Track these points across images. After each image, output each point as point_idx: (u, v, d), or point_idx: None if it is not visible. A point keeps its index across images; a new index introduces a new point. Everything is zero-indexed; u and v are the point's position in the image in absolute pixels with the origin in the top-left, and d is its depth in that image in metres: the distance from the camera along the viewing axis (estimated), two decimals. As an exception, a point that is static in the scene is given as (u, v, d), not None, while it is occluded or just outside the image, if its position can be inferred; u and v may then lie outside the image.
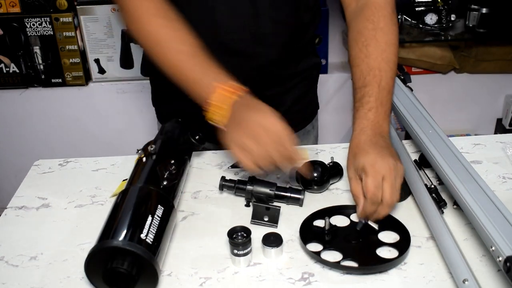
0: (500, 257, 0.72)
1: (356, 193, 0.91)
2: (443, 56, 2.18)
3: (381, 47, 1.02)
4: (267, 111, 0.90)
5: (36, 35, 2.04)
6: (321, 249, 0.87)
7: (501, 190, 1.00)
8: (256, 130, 0.87)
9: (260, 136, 0.87)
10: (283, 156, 0.88)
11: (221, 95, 0.92)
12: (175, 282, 0.83)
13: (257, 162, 0.87)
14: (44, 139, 2.23)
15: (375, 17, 1.04)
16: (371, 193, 0.87)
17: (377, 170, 0.87)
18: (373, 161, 0.88)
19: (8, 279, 0.85)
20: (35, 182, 1.10)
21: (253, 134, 0.87)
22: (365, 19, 1.05)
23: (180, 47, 0.97)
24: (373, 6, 1.05)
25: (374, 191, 0.87)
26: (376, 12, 1.04)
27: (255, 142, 0.87)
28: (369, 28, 1.03)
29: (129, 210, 0.84)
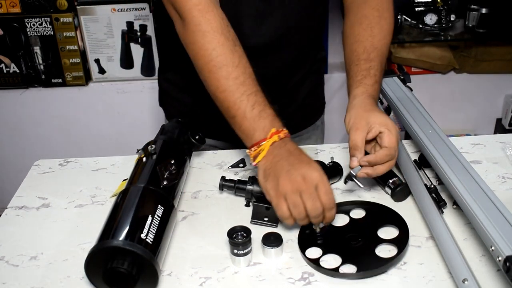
0: (500, 257, 0.72)
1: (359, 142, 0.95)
2: (443, 56, 2.18)
3: (384, 33, 1.08)
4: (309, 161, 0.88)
5: (37, 35, 2.04)
6: (320, 254, 0.87)
7: (501, 190, 1.00)
8: (300, 183, 0.85)
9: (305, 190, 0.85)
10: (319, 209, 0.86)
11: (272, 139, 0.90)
12: (175, 282, 0.83)
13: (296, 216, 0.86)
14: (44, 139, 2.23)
15: (381, 7, 1.09)
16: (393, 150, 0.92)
17: (395, 130, 0.93)
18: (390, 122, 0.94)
19: (9, 279, 0.85)
20: (35, 182, 1.10)
21: (298, 187, 0.85)
22: (370, 7, 1.09)
23: (242, 77, 0.93)
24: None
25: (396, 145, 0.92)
26: (380, 4, 1.09)
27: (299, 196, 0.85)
28: (374, 15, 1.08)
29: (129, 210, 0.84)
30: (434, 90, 2.26)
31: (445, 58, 2.18)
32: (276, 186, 0.86)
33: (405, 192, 0.99)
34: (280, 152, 0.88)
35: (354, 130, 0.96)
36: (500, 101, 2.32)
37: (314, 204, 0.84)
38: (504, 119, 2.32)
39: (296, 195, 0.84)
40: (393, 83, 1.20)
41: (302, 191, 0.84)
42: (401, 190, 0.98)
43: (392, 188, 0.99)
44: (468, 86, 2.27)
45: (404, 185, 0.98)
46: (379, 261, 0.84)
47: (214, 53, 0.93)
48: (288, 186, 0.85)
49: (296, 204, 0.85)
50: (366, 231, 0.90)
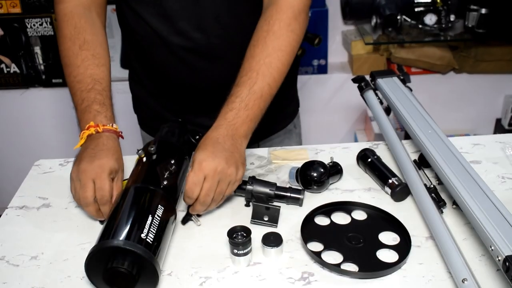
0: (499, 257, 0.72)
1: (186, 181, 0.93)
2: (443, 56, 2.18)
3: (267, 51, 0.99)
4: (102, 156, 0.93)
5: (37, 36, 2.04)
6: (322, 249, 0.87)
7: (500, 190, 1.00)
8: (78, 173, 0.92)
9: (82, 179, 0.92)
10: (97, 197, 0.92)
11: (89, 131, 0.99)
12: (175, 282, 0.84)
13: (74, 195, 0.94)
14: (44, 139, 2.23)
15: (272, 19, 1.01)
16: (187, 188, 0.90)
17: (201, 168, 0.90)
18: (202, 159, 0.90)
19: (9, 278, 0.85)
20: (35, 182, 1.10)
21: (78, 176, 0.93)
22: (264, 19, 1.03)
23: (78, 77, 1.04)
24: (274, 8, 1.02)
25: (190, 186, 0.90)
26: (274, 14, 1.01)
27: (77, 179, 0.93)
28: (263, 30, 1.01)
29: (129, 210, 0.84)
30: (434, 90, 2.26)
31: (445, 58, 2.18)
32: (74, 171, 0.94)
33: (404, 192, 0.99)
34: (90, 144, 0.96)
35: None
36: (500, 101, 2.32)
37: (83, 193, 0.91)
38: (503, 119, 2.32)
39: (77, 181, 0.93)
40: (393, 83, 1.20)
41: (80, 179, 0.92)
42: (401, 190, 0.98)
43: (392, 188, 0.99)
44: (468, 86, 2.27)
45: (404, 185, 0.98)
46: (381, 265, 0.84)
47: (62, 54, 1.08)
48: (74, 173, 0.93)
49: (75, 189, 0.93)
50: (368, 233, 0.91)
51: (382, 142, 1.16)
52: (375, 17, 2.08)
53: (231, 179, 0.92)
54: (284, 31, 1.00)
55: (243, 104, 0.96)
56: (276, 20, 1.01)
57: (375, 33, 2.11)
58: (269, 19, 1.01)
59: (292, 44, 1.02)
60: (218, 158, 0.90)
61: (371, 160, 1.06)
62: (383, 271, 0.82)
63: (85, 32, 1.07)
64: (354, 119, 2.32)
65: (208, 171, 0.89)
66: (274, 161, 1.12)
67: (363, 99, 1.23)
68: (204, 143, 0.94)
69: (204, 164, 0.90)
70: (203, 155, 0.91)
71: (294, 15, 1.02)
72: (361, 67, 2.19)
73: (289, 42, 1.01)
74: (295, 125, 1.35)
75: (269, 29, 1.00)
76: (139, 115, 1.36)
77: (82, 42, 1.06)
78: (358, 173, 1.08)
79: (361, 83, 1.23)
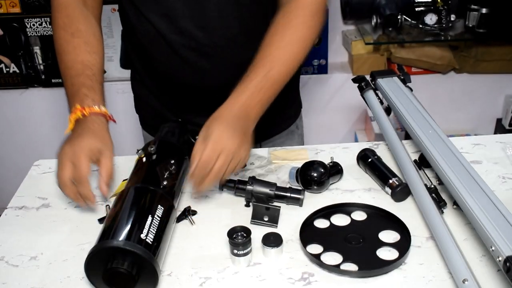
0: (500, 257, 0.72)
1: (195, 153, 0.92)
2: (443, 56, 2.18)
3: (284, 41, 1.02)
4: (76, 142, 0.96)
5: (36, 35, 2.04)
6: (321, 250, 0.87)
7: (501, 190, 1.00)
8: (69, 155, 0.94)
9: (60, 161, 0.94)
10: None
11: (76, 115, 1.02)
12: (175, 282, 0.83)
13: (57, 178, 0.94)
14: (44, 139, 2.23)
15: (291, 15, 1.03)
16: (203, 160, 0.89)
17: (219, 142, 0.90)
18: (221, 133, 0.91)
19: (8, 279, 0.85)
20: (35, 182, 1.10)
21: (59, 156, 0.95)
22: (282, 14, 1.05)
23: (69, 63, 1.06)
24: (294, 4, 1.04)
25: (206, 159, 0.89)
26: (294, 10, 1.04)
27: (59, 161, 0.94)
28: (281, 23, 1.03)
29: (129, 210, 0.84)
30: (434, 90, 2.26)
31: (445, 58, 2.18)
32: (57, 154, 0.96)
33: (405, 192, 0.99)
34: (77, 128, 0.99)
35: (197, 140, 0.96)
36: (500, 101, 2.32)
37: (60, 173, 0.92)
38: (504, 119, 2.32)
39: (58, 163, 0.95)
40: (393, 83, 1.19)
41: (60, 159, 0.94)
42: (401, 190, 0.98)
43: (392, 188, 0.99)
44: (468, 86, 2.27)
45: (404, 185, 0.98)
46: (381, 262, 0.84)
47: (56, 43, 1.09)
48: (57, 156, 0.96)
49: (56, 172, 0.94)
50: (367, 233, 0.90)
51: (382, 142, 1.16)
52: (375, 17, 2.08)
53: (240, 160, 0.92)
54: (301, 27, 1.03)
55: (258, 87, 0.97)
56: (294, 15, 1.03)
57: (375, 33, 2.11)
58: (288, 14, 1.03)
59: (308, 40, 1.04)
60: (235, 136, 0.91)
61: (371, 160, 1.06)
62: (382, 268, 0.82)
63: (78, 22, 1.08)
64: (354, 119, 2.32)
65: (225, 147, 0.90)
66: (274, 161, 1.11)
67: (363, 99, 1.23)
68: (218, 118, 0.93)
69: (223, 140, 0.90)
70: (221, 129, 0.91)
71: (312, 13, 1.04)
72: (361, 67, 2.19)
73: (305, 38, 1.04)
74: (297, 126, 1.35)
75: (287, 22, 1.03)
76: (140, 115, 1.36)
77: (75, 31, 1.07)
78: (358, 173, 1.07)
79: (361, 83, 1.23)
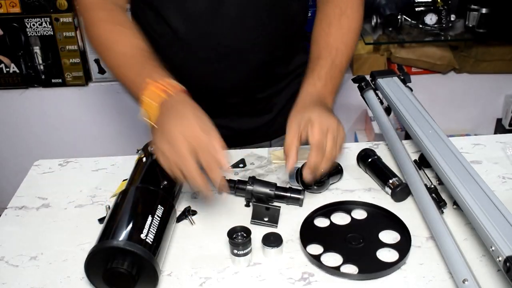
0: (500, 257, 0.72)
1: (290, 142, 0.91)
2: (443, 56, 2.18)
3: (343, 31, 1.07)
4: (190, 118, 0.85)
5: (36, 35, 2.04)
6: (322, 251, 0.87)
7: (501, 190, 1.00)
8: (174, 136, 0.83)
9: (177, 143, 0.82)
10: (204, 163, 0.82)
11: (152, 92, 0.90)
12: (175, 282, 0.83)
13: (172, 169, 0.84)
14: (44, 139, 2.23)
15: (343, 4, 1.09)
16: (317, 140, 0.89)
17: (323, 121, 0.91)
18: (319, 115, 0.92)
19: (8, 279, 0.85)
20: (35, 182, 1.10)
21: (171, 141, 0.83)
22: (334, 5, 1.09)
23: (123, 49, 1.00)
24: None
25: (319, 138, 0.89)
26: (346, 1, 1.09)
27: (172, 149, 0.83)
28: (335, 13, 1.08)
29: (129, 210, 0.84)
30: (434, 90, 2.26)
31: (445, 58, 2.18)
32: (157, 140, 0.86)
33: (405, 192, 0.99)
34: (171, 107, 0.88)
35: (288, 130, 0.94)
36: (500, 101, 2.32)
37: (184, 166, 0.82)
38: (504, 119, 2.32)
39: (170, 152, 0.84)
40: (393, 83, 1.19)
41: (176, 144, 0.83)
42: (401, 190, 0.98)
43: (392, 188, 0.99)
44: (468, 86, 2.27)
45: (404, 185, 0.98)
46: (381, 265, 0.84)
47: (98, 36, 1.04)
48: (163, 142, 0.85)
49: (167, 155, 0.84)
50: (368, 232, 0.90)
51: (382, 142, 1.16)
52: (375, 17, 2.08)
53: (343, 135, 0.94)
54: (356, 14, 1.09)
55: (329, 75, 1.01)
56: (348, 5, 1.09)
57: (375, 33, 2.11)
58: (340, 4, 1.09)
59: (359, 28, 1.11)
60: (331, 115, 0.93)
61: (371, 160, 1.06)
62: (382, 271, 0.82)
63: (118, 14, 1.06)
64: (354, 119, 2.31)
65: (330, 124, 0.91)
66: (274, 161, 1.11)
67: (363, 99, 1.23)
68: (306, 106, 0.95)
69: (323, 119, 0.91)
70: (317, 113, 0.92)
71: (360, 2, 1.11)
72: (361, 67, 2.19)
73: (359, 25, 1.10)
74: None
75: (343, 12, 1.08)
76: None
77: (118, 21, 1.05)
78: (359, 173, 1.07)
79: (361, 83, 1.23)
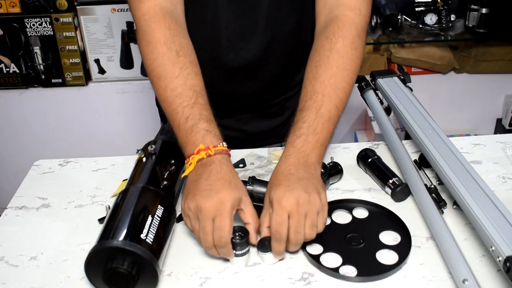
0: (500, 257, 0.72)
1: (261, 221, 0.86)
2: (443, 56, 2.18)
3: (332, 71, 0.94)
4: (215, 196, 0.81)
5: (36, 35, 2.04)
6: (321, 251, 0.87)
7: (501, 190, 1.00)
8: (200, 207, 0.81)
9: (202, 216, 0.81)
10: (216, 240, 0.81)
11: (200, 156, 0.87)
12: (175, 282, 0.83)
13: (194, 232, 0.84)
14: (44, 139, 2.23)
15: (334, 37, 0.96)
16: (274, 230, 0.82)
17: (282, 206, 0.81)
18: (280, 196, 0.82)
19: (8, 279, 0.85)
20: (35, 182, 1.10)
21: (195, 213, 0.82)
22: (325, 37, 0.98)
23: (179, 89, 0.91)
24: (336, 25, 0.98)
25: (276, 228, 0.81)
26: (337, 31, 0.97)
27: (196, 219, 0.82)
28: (325, 48, 0.96)
29: (129, 210, 0.84)
30: (434, 90, 2.26)
31: (445, 58, 2.18)
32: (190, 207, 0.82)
33: (405, 192, 0.99)
34: (202, 172, 0.85)
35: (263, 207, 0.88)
36: (500, 101, 2.32)
37: (204, 236, 0.81)
38: (504, 119, 2.32)
39: (195, 219, 0.82)
40: (393, 83, 1.20)
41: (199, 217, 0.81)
42: (401, 190, 0.98)
43: (392, 188, 0.98)
44: (468, 86, 2.27)
45: (404, 185, 0.98)
46: (380, 267, 0.83)
47: (155, 63, 0.93)
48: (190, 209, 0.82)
49: (194, 228, 0.83)
50: (368, 233, 0.90)
51: (382, 142, 1.16)
52: (375, 17, 2.08)
53: (318, 207, 0.83)
54: (348, 49, 0.96)
55: (311, 129, 0.90)
56: (339, 37, 0.96)
57: (375, 33, 2.11)
58: (331, 36, 0.96)
59: (356, 62, 0.98)
60: (296, 190, 0.82)
61: (371, 160, 1.06)
62: (381, 275, 0.82)
63: (179, 35, 0.94)
64: (354, 119, 2.31)
65: (290, 207, 0.80)
66: (274, 161, 1.11)
67: (363, 99, 1.23)
68: (277, 179, 0.85)
69: (283, 202, 0.81)
70: (280, 192, 0.82)
71: (357, 32, 0.98)
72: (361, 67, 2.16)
73: (353, 60, 0.97)
74: None
75: (332, 47, 0.95)
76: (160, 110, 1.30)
77: (179, 47, 0.93)
78: (358, 173, 1.07)
79: (361, 83, 1.23)
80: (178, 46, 0.93)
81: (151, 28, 0.94)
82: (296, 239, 0.82)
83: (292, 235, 0.82)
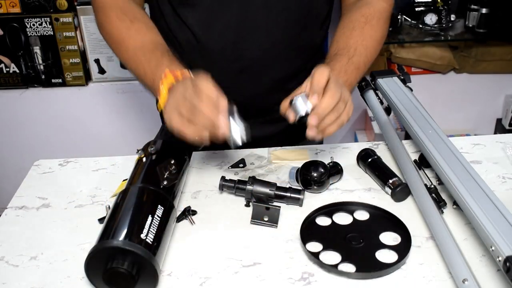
0: (500, 257, 0.72)
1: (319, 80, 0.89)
2: (443, 56, 2.18)
3: (364, 36, 1.06)
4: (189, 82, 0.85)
5: (36, 35, 2.04)
6: (321, 249, 0.87)
7: (501, 190, 1.00)
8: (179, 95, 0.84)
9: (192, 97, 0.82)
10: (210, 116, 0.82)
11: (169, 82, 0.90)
12: (175, 282, 0.83)
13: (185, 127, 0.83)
14: (44, 139, 2.23)
15: (370, 15, 1.09)
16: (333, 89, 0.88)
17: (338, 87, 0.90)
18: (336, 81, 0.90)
19: (8, 279, 0.85)
20: (35, 182, 1.10)
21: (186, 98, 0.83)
22: (359, 13, 1.10)
23: (139, 44, 1.00)
24: (372, 8, 1.10)
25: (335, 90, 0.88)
26: (373, 12, 1.10)
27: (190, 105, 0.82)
28: (360, 21, 1.09)
29: (129, 210, 0.84)
30: (434, 90, 2.26)
31: (445, 58, 2.18)
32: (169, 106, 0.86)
33: (405, 192, 0.99)
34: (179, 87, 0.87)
35: None
36: (500, 101, 2.32)
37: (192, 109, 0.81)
38: (504, 119, 2.32)
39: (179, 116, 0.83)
40: (393, 83, 1.20)
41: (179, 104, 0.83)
42: (401, 190, 0.98)
43: (392, 188, 0.99)
44: (468, 86, 2.27)
45: (404, 185, 0.98)
46: (378, 265, 0.83)
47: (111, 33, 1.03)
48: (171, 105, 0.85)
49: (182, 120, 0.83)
50: (368, 233, 0.90)
51: (382, 142, 1.16)
52: (375, 17, 2.08)
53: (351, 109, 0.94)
54: (380, 25, 1.09)
55: (343, 69, 1.00)
56: (374, 17, 1.09)
57: (375, 33, 2.11)
58: (367, 14, 1.09)
59: (384, 38, 1.11)
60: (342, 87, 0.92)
61: (371, 160, 1.06)
62: (380, 271, 0.82)
63: (133, 11, 1.05)
64: (354, 119, 2.32)
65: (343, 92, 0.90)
66: (274, 161, 1.12)
67: (363, 99, 1.23)
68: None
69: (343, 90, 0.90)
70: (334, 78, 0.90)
71: (388, 17, 1.11)
72: (361, 67, 2.19)
73: (382, 36, 1.10)
74: None
75: (367, 21, 1.08)
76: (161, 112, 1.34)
77: (133, 18, 1.03)
78: (358, 173, 1.07)
79: (361, 83, 1.23)
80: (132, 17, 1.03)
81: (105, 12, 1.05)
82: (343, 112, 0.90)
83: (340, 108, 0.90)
